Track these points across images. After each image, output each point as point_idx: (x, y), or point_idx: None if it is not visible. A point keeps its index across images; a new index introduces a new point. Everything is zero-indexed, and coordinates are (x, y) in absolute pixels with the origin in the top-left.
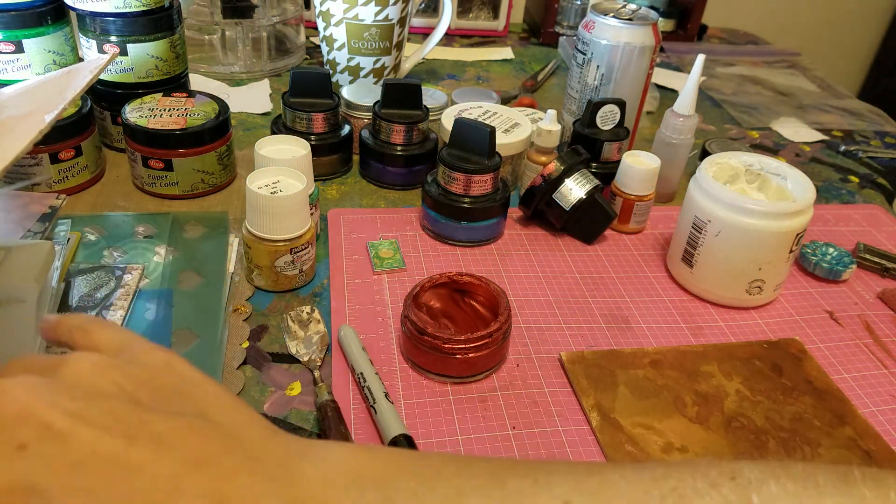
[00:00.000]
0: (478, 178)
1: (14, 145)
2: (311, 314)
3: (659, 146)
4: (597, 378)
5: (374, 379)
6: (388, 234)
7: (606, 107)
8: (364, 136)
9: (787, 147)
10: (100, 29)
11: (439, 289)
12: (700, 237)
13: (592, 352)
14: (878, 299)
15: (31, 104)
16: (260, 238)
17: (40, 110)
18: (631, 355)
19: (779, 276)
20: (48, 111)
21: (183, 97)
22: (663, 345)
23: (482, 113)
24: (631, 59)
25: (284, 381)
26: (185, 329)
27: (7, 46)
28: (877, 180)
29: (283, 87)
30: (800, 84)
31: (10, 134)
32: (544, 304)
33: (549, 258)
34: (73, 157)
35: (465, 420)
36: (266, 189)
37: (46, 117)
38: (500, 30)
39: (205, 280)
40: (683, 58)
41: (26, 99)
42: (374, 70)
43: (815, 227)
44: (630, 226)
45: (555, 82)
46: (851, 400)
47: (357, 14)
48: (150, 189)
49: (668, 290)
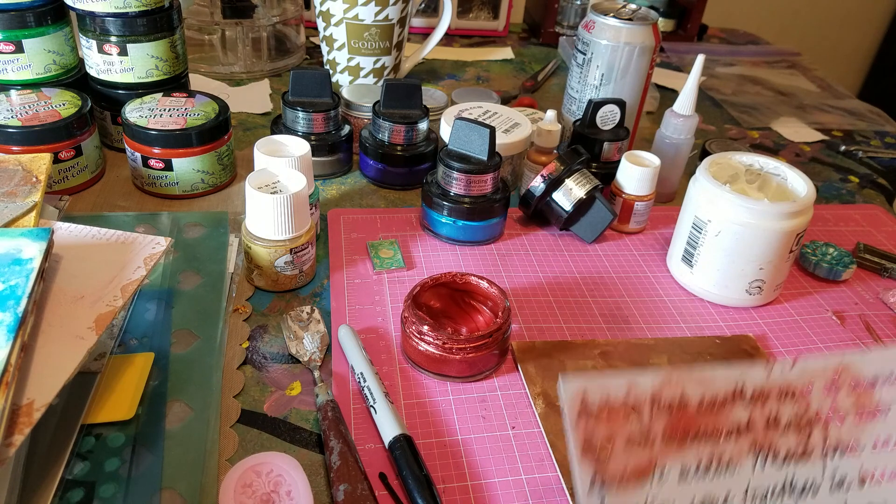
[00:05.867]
0: (478, 178)
1: (64, 367)
2: (311, 314)
3: (659, 146)
4: (546, 367)
5: (374, 379)
6: (388, 234)
7: (606, 107)
8: (364, 136)
9: (787, 147)
10: (100, 29)
11: (439, 289)
12: (700, 237)
13: (543, 342)
14: (878, 299)
15: (83, 285)
16: (260, 238)
17: (90, 296)
18: (582, 346)
19: (779, 276)
20: (94, 301)
21: (183, 97)
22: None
23: (482, 113)
24: (631, 59)
25: (284, 381)
26: (185, 329)
27: (7, 46)
28: (877, 180)
29: (283, 87)
30: (800, 84)
31: (60, 326)
32: (544, 304)
33: (549, 258)
34: (73, 157)
35: (465, 420)
36: (266, 189)
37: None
38: (500, 30)
39: (205, 280)
40: (683, 58)
41: (80, 268)
42: (374, 70)
43: (815, 227)
44: (630, 226)
45: (555, 82)
46: None
47: (357, 14)
48: (150, 189)
49: (668, 290)
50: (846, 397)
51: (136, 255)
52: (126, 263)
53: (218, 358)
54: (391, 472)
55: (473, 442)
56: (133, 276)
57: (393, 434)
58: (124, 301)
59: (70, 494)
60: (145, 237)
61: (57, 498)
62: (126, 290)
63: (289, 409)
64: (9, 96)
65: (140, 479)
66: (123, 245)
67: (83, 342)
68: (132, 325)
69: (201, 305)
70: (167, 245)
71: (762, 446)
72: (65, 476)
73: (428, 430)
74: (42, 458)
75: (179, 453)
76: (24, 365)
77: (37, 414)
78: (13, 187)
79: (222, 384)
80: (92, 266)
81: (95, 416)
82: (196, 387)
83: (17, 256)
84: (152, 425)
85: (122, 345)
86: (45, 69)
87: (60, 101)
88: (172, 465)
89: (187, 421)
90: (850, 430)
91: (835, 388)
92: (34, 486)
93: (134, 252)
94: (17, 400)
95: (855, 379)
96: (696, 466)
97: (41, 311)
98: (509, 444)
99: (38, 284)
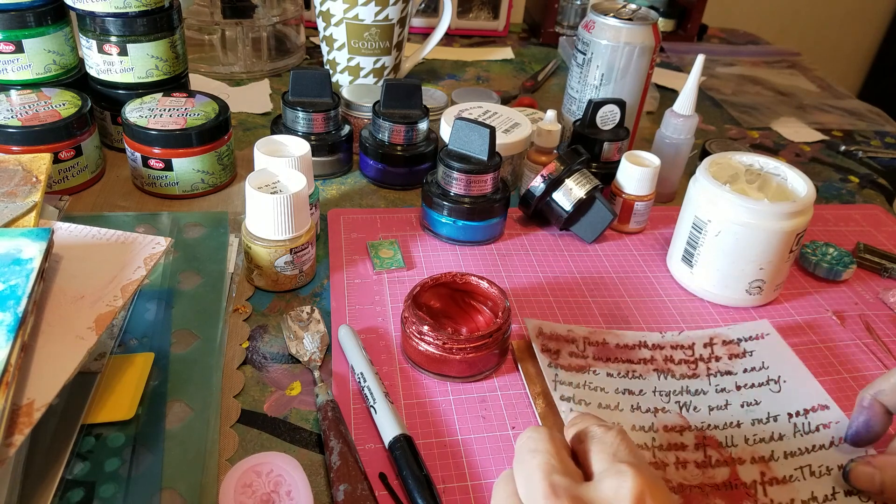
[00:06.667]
0: (478, 178)
1: (64, 367)
2: (311, 314)
3: (659, 146)
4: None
5: (374, 379)
6: (388, 234)
7: (606, 107)
8: (364, 136)
9: (787, 147)
10: (100, 29)
11: (439, 289)
12: (700, 237)
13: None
14: (878, 299)
15: (83, 285)
16: (260, 238)
17: (90, 296)
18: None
19: (779, 276)
20: (94, 301)
21: (183, 97)
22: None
23: (482, 113)
24: (631, 59)
25: (284, 381)
26: (185, 329)
27: (7, 46)
28: (877, 180)
29: (283, 87)
30: (800, 84)
31: (60, 325)
32: (544, 304)
33: (549, 258)
34: (73, 157)
35: (465, 420)
36: (266, 189)
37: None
38: (500, 30)
39: (205, 280)
40: (683, 58)
41: (80, 268)
42: (374, 70)
43: (815, 227)
44: (630, 226)
45: (555, 82)
46: (851, 400)
47: (357, 14)
48: (150, 189)
49: (668, 290)
50: (721, 347)
51: (136, 255)
52: (126, 263)
53: (218, 358)
54: (391, 472)
55: (473, 442)
56: (133, 276)
57: (393, 434)
58: (124, 301)
59: (70, 494)
60: (145, 237)
61: (57, 498)
62: (126, 290)
63: (289, 409)
64: (9, 96)
65: (140, 479)
66: (123, 245)
67: (83, 342)
68: (132, 325)
69: (201, 305)
70: (167, 245)
71: (662, 370)
72: (65, 476)
73: (428, 430)
74: (42, 458)
75: (179, 453)
76: (24, 365)
77: (37, 414)
78: (13, 187)
79: (222, 384)
80: (92, 266)
81: (95, 416)
82: (196, 387)
83: (17, 256)
84: (152, 425)
85: (122, 345)
86: (45, 69)
87: (60, 101)
88: (172, 465)
89: (187, 421)
90: (725, 364)
91: (711, 344)
92: (34, 486)
93: (134, 252)
94: (17, 400)
95: (724, 340)
96: (616, 373)
97: (41, 311)
98: (509, 445)
99: (38, 284)
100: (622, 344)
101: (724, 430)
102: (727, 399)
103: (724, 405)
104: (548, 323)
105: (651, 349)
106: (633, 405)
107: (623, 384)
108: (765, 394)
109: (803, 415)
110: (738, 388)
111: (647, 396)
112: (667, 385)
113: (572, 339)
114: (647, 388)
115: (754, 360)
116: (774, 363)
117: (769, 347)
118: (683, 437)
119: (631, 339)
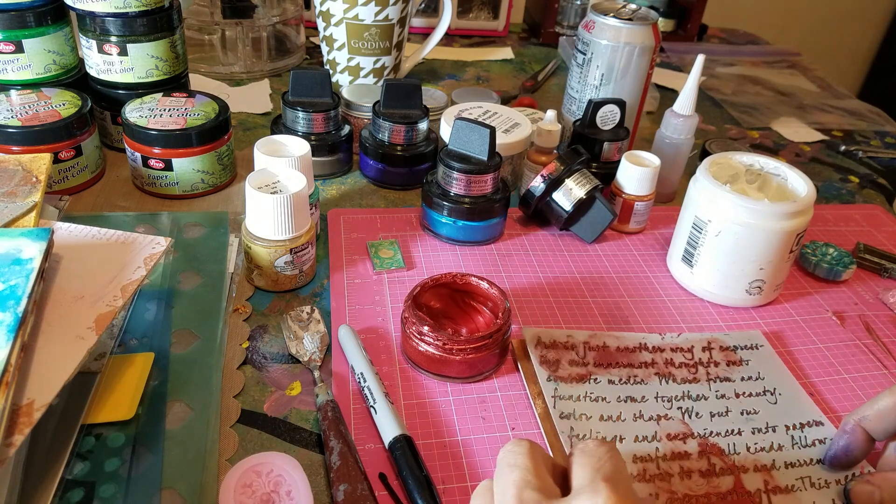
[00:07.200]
0: (478, 178)
1: (64, 367)
2: (311, 314)
3: (659, 146)
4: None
5: (374, 379)
6: (388, 234)
7: (606, 107)
8: (364, 136)
9: (787, 147)
10: (100, 29)
11: (439, 289)
12: (700, 237)
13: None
14: (877, 300)
15: (83, 285)
16: (260, 238)
17: (90, 296)
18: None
19: (779, 277)
20: (94, 301)
21: (183, 97)
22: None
23: (482, 113)
24: (631, 59)
25: (284, 381)
26: (185, 329)
27: (7, 46)
28: (877, 180)
29: (283, 87)
30: (800, 84)
31: (60, 325)
32: (544, 304)
33: (549, 258)
34: (73, 157)
35: (465, 420)
36: (266, 189)
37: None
38: (500, 30)
39: (205, 280)
40: (683, 58)
41: (80, 268)
42: (374, 70)
43: (815, 227)
44: (630, 226)
45: (555, 82)
46: (850, 400)
47: (357, 14)
48: (150, 189)
49: (668, 290)
50: (719, 353)
51: (136, 255)
52: (126, 263)
53: (218, 358)
54: (391, 472)
55: (473, 442)
56: (133, 276)
57: (393, 434)
58: (124, 301)
59: (70, 494)
60: (145, 237)
61: (57, 498)
62: (126, 290)
63: (289, 409)
64: (9, 96)
65: (140, 479)
66: (123, 245)
67: (83, 342)
68: (132, 325)
69: (201, 305)
70: (167, 245)
71: (663, 374)
72: (65, 476)
73: (428, 431)
74: (42, 458)
75: (179, 453)
76: (24, 365)
77: (37, 414)
78: (13, 187)
79: (222, 384)
80: (92, 266)
81: (95, 416)
82: (196, 387)
83: (17, 256)
84: (152, 425)
85: (122, 345)
86: (45, 69)
87: (60, 101)
88: (172, 465)
89: (187, 421)
90: (724, 370)
91: (709, 349)
92: (34, 486)
93: (134, 252)
94: (17, 400)
95: (721, 346)
96: (618, 379)
97: (41, 311)
98: None
99: (38, 284)
100: (623, 347)
101: (727, 438)
102: (727, 406)
103: (725, 412)
104: (546, 330)
105: (651, 352)
106: (635, 413)
107: (625, 391)
108: (762, 404)
109: (799, 428)
110: (738, 395)
111: (650, 403)
112: (668, 390)
113: (572, 345)
114: (650, 394)
115: (751, 370)
116: (769, 375)
117: (763, 359)
118: (687, 444)
119: (631, 342)
